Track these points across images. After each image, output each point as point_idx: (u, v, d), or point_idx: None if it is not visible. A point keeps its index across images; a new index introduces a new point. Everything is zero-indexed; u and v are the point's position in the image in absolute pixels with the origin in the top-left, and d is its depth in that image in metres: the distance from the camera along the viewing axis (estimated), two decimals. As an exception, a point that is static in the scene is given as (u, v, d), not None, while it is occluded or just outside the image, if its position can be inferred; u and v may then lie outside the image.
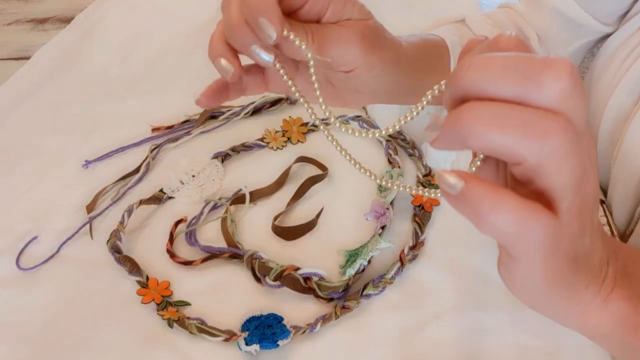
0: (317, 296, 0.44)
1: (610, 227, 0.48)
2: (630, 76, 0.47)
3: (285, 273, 0.44)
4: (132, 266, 0.47)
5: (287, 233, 0.50)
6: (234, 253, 0.47)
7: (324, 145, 0.59)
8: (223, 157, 0.58)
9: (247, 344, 0.40)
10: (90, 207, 0.54)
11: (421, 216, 0.49)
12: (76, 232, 0.51)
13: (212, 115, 0.64)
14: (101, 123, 0.66)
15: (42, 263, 0.49)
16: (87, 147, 0.62)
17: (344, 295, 0.44)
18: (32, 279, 0.48)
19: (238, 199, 0.53)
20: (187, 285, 0.47)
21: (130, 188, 0.56)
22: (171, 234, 0.50)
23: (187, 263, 0.48)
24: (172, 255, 0.48)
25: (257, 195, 0.54)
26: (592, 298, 0.27)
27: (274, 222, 0.50)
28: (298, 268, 0.44)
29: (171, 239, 0.50)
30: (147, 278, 0.46)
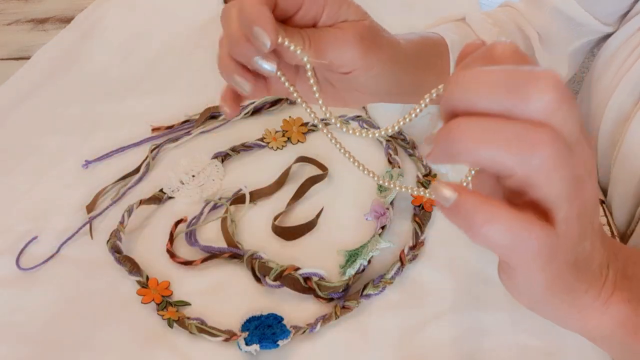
0: (317, 296, 0.44)
1: (610, 228, 0.48)
2: (630, 76, 0.47)
3: (285, 273, 0.44)
4: (132, 266, 0.47)
5: (287, 233, 0.50)
6: (234, 253, 0.47)
7: (324, 145, 0.59)
8: (223, 157, 0.58)
9: (247, 344, 0.40)
10: (90, 207, 0.54)
11: (421, 216, 0.49)
12: (76, 232, 0.51)
13: (212, 115, 0.64)
14: (101, 123, 0.66)
15: (42, 263, 0.49)
16: (87, 147, 0.62)
17: (344, 295, 0.44)
18: (32, 279, 0.48)
19: (238, 199, 0.53)
20: (187, 285, 0.47)
21: (130, 188, 0.56)
22: (171, 234, 0.50)
23: (187, 263, 0.48)
24: (172, 255, 0.48)
25: (257, 195, 0.54)
26: (592, 302, 0.27)
27: (274, 222, 0.50)
28: (298, 268, 0.44)
29: (171, 239, 0.50)
30: (147, 278, 0.46)
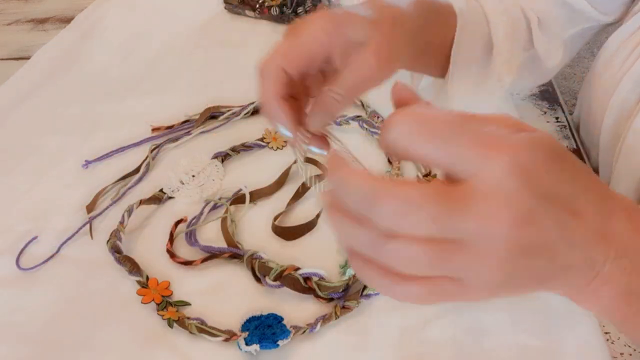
0: (317, 296, 0.44)
1: None
2: (632, 73, 0.47)
3: (285, 273, 0.44)
4: (132, 266, 0.47)
5: (287, 233, 0.50)
6: (234, 253, 0.47)
7: (324, 145, 0.59)
8: (223, 157, 0.58)
9: (247, 344, 0.40)
10: (90, 207, 0.54)
11: (421, 216, 0.49)
12: (76, 232, 0.51)
13: (212, 115, 0.64)
14: (101, 123, 0.66)
15: (42, 263, 0.49)
16: (87, 147, 0.62)
17: (344, 295, 0.44)
18: (32, 279, 0.48)
19: (238, 199, 0.53)
20: (187, 285, 0.47)
21: (130, 188, 0.56)
22: (171, 234, 0.50)
23: (187, 263, 0.48)
24: (172, 255, 0.48)
25: (257, 195, 0.54)
26: (577, 294, 0.27)
27: (274, 222, 0.50)
28: (298, 268, 0.44)
29: (171, 239, 0.50)
30: (147, 278, 0.46)
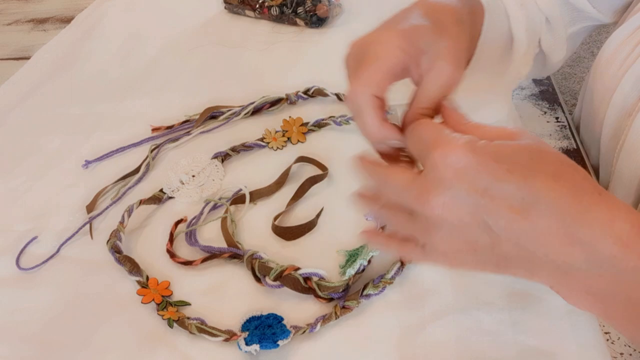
0: (317, 296, 0.44)
1: None
2: (633, 72, 0.47)
3: (285, 273, 0.44)
4: (132, 266, 0.47)
5: (287, 233, 0.50)
6: (234, 253, 0.47)
7: (324, 145, 0.59)
8: (223, 157, 0.58)
9: (247, 344, 0.40)
10: (90, 207, 0.54)
11: (421, 216, 0.49)
12: (76, 232, 0.51)
13: (212, 115, 0.64)
14: (101, 123, 0.66)
15: (42, 263, 0.49)
16: (87, 147, 0.62)
17: (344, 295, 0.44)
18: (32, 279, 0.49)
19: (238, 199, 0.53)
20: (187, 285, 0.47)
21: (130, 188, 0.56)
22: (171, 234, 0.50)
23: (187, 263, 0.48)
24: (172, 255, 0.48)
25: (257, 195, 0.54)
26: (558, 289, 0.31)
27: (274, 222, 0.50)
28: (298, 268, 0.44)
29: (171, 239, 0.50)
30: (147, 278, 0.46)
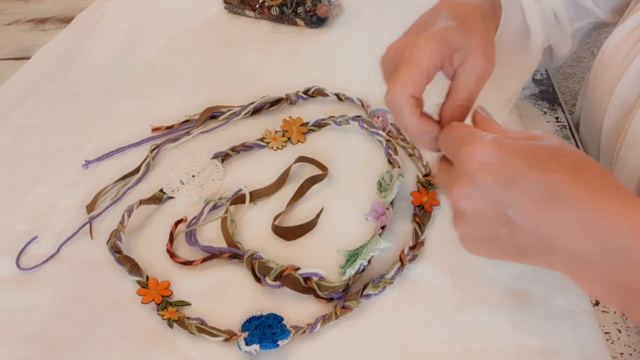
0: (317, 296, 0.44)
1: None
2: (633, 69, 0.47)
3: (285, 273, 0.44)
4: (132, 266, 0.47)
5: (287, 233, 0.50)
6: (234, 253, 0.47)
7: (324, 145, 0.59)
8: (223, 157, 0.59)
9: (247, 344, 0.40)
10: (90, 207, 0.54)
11: (421, 216, 0.49)
12: (76, 232, 0.51)
13: (212, 115, 0.64)
14: (101, 123, 0.66)
15: (42, 263, 0.49)
16: (87, 147, 0.62)
17: (344, 295, 0.44)
18: (32, 279, 0.49)
19: (238, 199, 0.53)
20: (187, 285, 0.47)
21: (130, 188, 0.56)
22: (171, 234, 0.50)
23: (187, 263, 0.48)
24: (172, 255, 0.48)
25: (257, 195, 0.54)
26: (574, 278, 0.33)
27: (274, 222, 0.50)
28: (298, 268, 0.44)
29: (171, 239, 0.50)
30: (147, 278, 0.46)
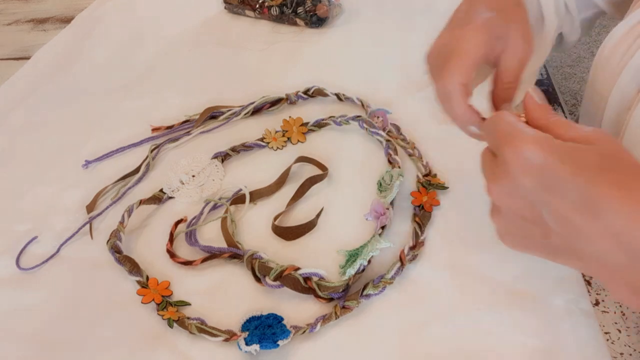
0: (317, 296, 0.44)
1: None
2: (632, 65, 0.47)
3: (285, 273, 0.44)
4: (132, 266, 0.47)
5: (287, 233, 0.50)
6: (234, 253, 0.47)
7: (324, 145, 0.59)
8: (223, 157, 0.59)
9: (247, 344, 0.40)
10: (90, 207, 0.54)
11: (421, 216, 0.49)
12: (76, 232, 0.51)
13: (212, 115, 0.64)
14: (101, 123, 0.66)
15: (42, 263, 0.49)
16: (87, 147, 0.62)
17: (344, 295, 0.44)
18: (32, 279, 0.49)
19: (238, 199, 0.53)
20: (187, 285, 0.47)
21: (130, 188, 0.56)
22: (171, 234, 0.50)
23: (187, 263, 0.48)
24: (172, 255, 0.49)
25: (257, 195, 0.54)
26: (604, 282, 0.31)
27: (274, 222, 0.50)
28: (298, 268, 0.44)
29: (171, 239, 0.50)
30: (147, 278, 0.46)
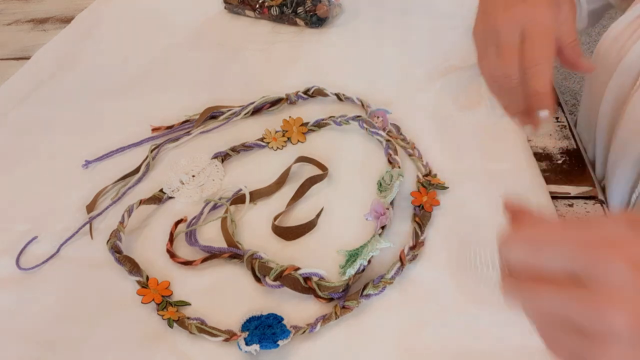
0: (317, 296, 0.44)
1: None
2: (626, 61, 0.48)
3: (285, 273, 0.44)
4: (132, 266, 0.47)
5: (287, 233, 0.50)
6: (234, 253, 0.47)
7: (324, 145, 0.59)
8: (223, 157, 0.59)
9: (247, 344, 0.40)
10: (90, 207, 0.54)
11: (421, 216, 0.49)
12: (76, 232, 0.51)
13: (212, 115, 0.64)
14: (101, 123, 0.66)
15: (42, 263, 0.49)
16: (87, 147, 0.62)
17: (344, 295, 0.44)
18: (32, 279, 0.49)
19: (238, 199, 0.53)
20: (187, 285, 0.47)
21: (130, 188, 0.56)
22: (171, 234, 0.50)
23: (187, 263, 0.48)
24: (172, 255, 0.49)
25: (257, 195, 0.54)
26: None
27: (274, 222, 0.50)
28: (298, 268, 0.44)
29: (171, 239, 0.50)
30: (147, 278, 0.46)
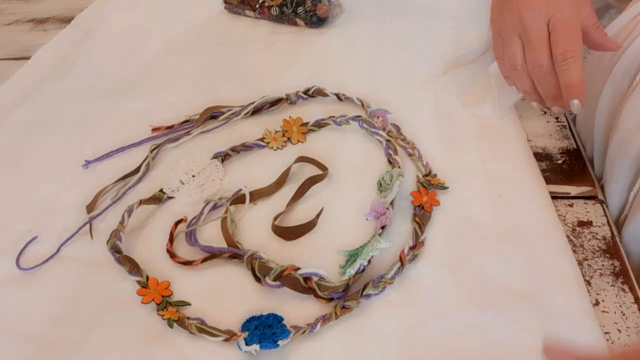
0: (317, 296, 0.44)
1: (610, 227, 0.49)
2: (624, 60, 0.48)
3: (285, 273, 0.44)
4: (132, 266, 0.47)
5: (287, 233, 0.50)
6: (234, 253, 0.47)
7: (324, 145, 0.59)
8: (223, 157, 0.59)
9: (247, 344, 0.40)
10: (90, 207, 0.54)
11: (421, 216, 0.49)
12: (76, 232, 0.51)
13: (212, 115, 0.64)
14: (101, 123, 0.66)
15: (42, 263, 0.49)
16: (87, 147, 0.62)
17: (344, 295, 0.44)
18: (32, 279, 0.48)
19: (238, 199, 0.53)
20: (187, 285, 0.47)
21: (130, 188, 0.56)
22: (171, 234, 0.50)
23: (187, 263, 0.48)
24: (172, 255, 0.49)
25: (257, 195, 0.54)
26: None
27: (274, 222, 0.50)
28: (298, 268, 0.44)
29: (171, 239, 0.50)
30: (147, 278, 0.46)
